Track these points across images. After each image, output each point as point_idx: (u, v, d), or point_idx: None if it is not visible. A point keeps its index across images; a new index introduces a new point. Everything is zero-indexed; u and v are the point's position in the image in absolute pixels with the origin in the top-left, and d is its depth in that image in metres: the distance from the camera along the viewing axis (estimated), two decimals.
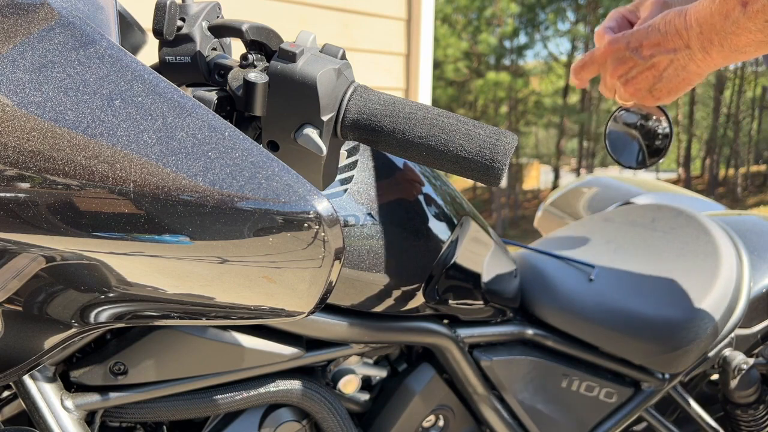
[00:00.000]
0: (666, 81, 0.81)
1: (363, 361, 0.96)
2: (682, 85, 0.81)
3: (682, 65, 0.79)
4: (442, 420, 1.03)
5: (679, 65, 0.79)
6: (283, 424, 0.86)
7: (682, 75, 0.80)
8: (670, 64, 0.79)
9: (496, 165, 0.57)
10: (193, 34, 0.60)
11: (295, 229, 0.46)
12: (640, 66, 0.81)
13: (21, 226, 0.45)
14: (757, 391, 1.20)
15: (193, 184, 0.45)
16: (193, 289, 0.49)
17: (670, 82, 0.81)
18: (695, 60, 0.77)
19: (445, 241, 0.90)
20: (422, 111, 0.59)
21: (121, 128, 0.45)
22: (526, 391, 1.07)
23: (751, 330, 1.25)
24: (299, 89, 0.57)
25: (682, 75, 0.80)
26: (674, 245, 1.25)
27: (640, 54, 0.80)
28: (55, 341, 0.52)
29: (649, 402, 1.15)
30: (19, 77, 0.44)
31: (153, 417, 0.78)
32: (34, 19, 0.46)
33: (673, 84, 0.81)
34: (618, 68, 0.83)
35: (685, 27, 0.76)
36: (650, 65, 0.81)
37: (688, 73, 0.79)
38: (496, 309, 1.03)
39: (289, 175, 0.47)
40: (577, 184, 1.82)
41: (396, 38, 3.34)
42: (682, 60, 0.78)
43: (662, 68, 0.80)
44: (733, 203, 16.42)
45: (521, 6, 17.79)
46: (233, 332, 0.79)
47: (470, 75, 17.42)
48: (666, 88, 0.82)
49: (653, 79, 0.82)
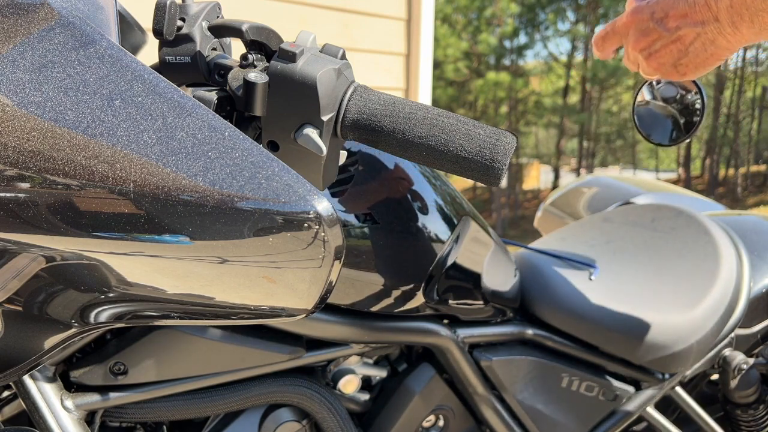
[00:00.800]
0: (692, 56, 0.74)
1: (363, 361, 0.96)
2: (710, 60, 0.74)
3: (710, 39, 0.72)
4: (442, 420, 1.03)
5: (707, 39, 0.72)
6: (283, 424, 0.86)
7: (710, 50, 0.73)
8: (697, 37, 0.73)
9: (496, 165, 0.57)
10: (193, 34, 0.60)
11: (295, 229, 0.46)
12: (665, 39, 0.75)
13: (21, 226, 0.45)
14: (757, 391, 1.20)
15: (193, 184, 0.45)
16: (193, 289, 0.49)
17: (697, 57, 0.74)
18: (724, 34, 0.71)
19: (445, 241, 0.90)
20: (422, 111, 0.59)
21: (121, 128, 0.45)
22: (526, 391, 1.07)
23: (751, 330, 1.25)
24: (299, 89, 0.57)
25: (710, 50, 0.73)
26: (674, 245, 1.25)
27: (665, 26, 0.74)
28: (55, 341, 0.52)
29: (649, 402, 1.15)
30: (19, 77, 0.44)
31: (153, 417, 0.78)
32: (34, 19, 0.46)
33: (701, 59, 0.74)
34: (641, 40, 0.77)
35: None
36: (675, 38, 0.74)
37: (716, 47, 0.72)
38: (496, 309, 1.03)
39: (289, 175, 0.47)
40: (577, 184, 1.82)
41: (396, 38, 3.34)
42: (710, 34, 0.71)
43: (689, 42, 0.73)
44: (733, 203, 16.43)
45: (521, 6, 17.79)
46: (233, 332, 0.79)
47: (470, 75, 17.42)
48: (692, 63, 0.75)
49: (678, 54, 0.75)
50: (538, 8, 18.26)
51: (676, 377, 1.16)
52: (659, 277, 1.20)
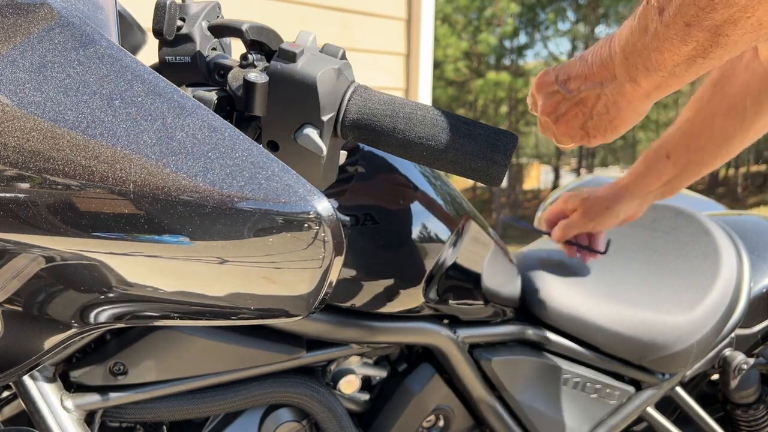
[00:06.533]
0: (597, 118, 0.71)
1: (363, 361, 0.96)
2: (616, 123, 0.71)
3: (611, 101, 0.69)
4: (442, 420, 1.03)
5: (608, 101, 0.69)
6: (283, 424, 0.86)
7: (612, 111, 0.69)
8: (598, 99, 0.70)
9: (497, 165, 0.57)
10: (193, 34, 0.60)
11: (295, 229, 0.46)
12: (569, 101, 0.73)
13: (21, 226, 0.45)
14: (757, 391, 1.20)
15: (193, 184, 0.45)
16: (193, 289, 0.49)
17: (601, 120, 0.71)
18: (624, 93, 0.67)
19: (445, 241, 0.90)
20: (422, 111, 0.59)
21: (121, 128, 0.45)
22: (526, 391, 1.07)
23: (751, 330, 1.25)
24: (299, 89, 0.57)
25: (612, 111, 0.69)
26: (674, 245, 1.25)
27: (567, 87, 0.72)
28: (55, 341, 0.52)
29: (649, 402, 1.16)
30: (19, 77, 0.44)
31: (153, 417, 0.78)
32: (34, 19, 0.46)
33: (605, 121, 0.71)
34: (547, 104, 0.75)
35: (610, 55, 0.67)
36: (578, 101, 0.72)
37: (618, 109, 0.69)
38: (496, 309, 1.03)
39: (289, 175, 0.47)
40: (577, 184, 1.81)
41: (396, 38, 3.34)
42: (610, 94, 0.68)
43: (591, 104, 0.71)
44: (733, 203, 16.42)
45: (521, 6, 17.79)
46: (233, 332, 0.79)
47: (470, 75, 17.41)
48: (599, 126, 0.72)
49: (583, 117, 0.72)
50: (538, 8, 18.25)
51: (676, 377, 1.16)
52: (659, 277, 1.20)
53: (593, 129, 0.73)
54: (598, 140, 0.74)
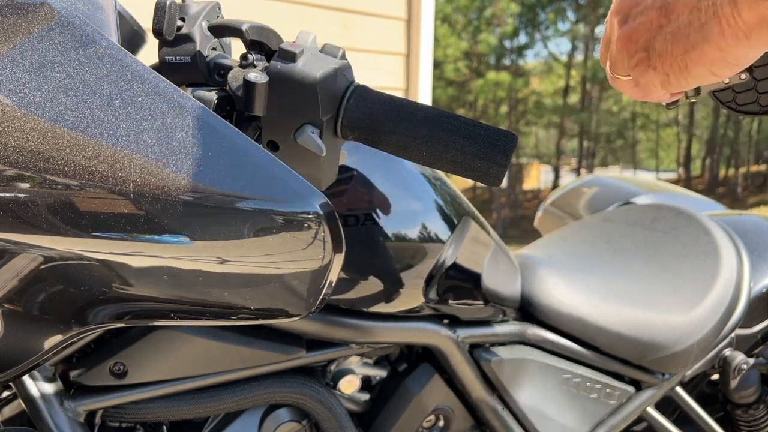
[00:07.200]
0: (672, 38, 0.52)
1: (363, 361, 0.96)
2: (692, 55, 0.51)
3: (701, 21, 0.49)
4: (443, 420, 1.03)
5: (697, 19, 0.49)
6: (283, 424, 0.86)
7: (694, 38, 0.50)
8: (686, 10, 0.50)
9: (497, 165, 0.57)
10: (193, 34, 0.60)
11: (295, 229, 0.46)
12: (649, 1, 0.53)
13: (21, 226, 0.45)
14: (757, 391, 1.20)
15: (193, 184, 0.45)
16: (193, 289, 0.49)
17: (677, 43, 0.51)
18: (719, 16, 0.48)
19: (445, 241, 0.90)
20: (422, 111, 0.59)
21: (121, 128, 0.45)
22: (526, 391, 1.07)
23: (751, 330, 1.25)
24: (299, 89, 0.57)
25: (694, 38, 0.50)
26: (674, 245, 1.25)
27: None
28: (55, 341, 0.52)
29: (649, 402, 1.16)
30: (19, 77, 0.44)
31: (153, 417, 0.78)
32: (34, 19, 0.46)
33: (680, 47, 0.51)
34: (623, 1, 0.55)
35: None
36: (663, 3, 0.52)
37: (704, 37, 0.50)
38: (496, 309, 1.03)
39: (289, 175, 0.47)
40: (577, 184, 1.82)
41: (396, 38, 3.34)
42: (704, 11, 0.49)
43: (676, 13, 0.51)
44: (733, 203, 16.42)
45: (521, 6, 17.80)
46: (233, 332, 0.79)
47: (470, 75, 17.42)
48: (669, 52, 0.52)
49: (657, 29, 0.53)
50: (538, 8, 18.26)
51: (676, 377, 1.16)
52: (659, 277, 1.20)
53: (659, 53, 0.53)
54: (655, 75, 0.54)
